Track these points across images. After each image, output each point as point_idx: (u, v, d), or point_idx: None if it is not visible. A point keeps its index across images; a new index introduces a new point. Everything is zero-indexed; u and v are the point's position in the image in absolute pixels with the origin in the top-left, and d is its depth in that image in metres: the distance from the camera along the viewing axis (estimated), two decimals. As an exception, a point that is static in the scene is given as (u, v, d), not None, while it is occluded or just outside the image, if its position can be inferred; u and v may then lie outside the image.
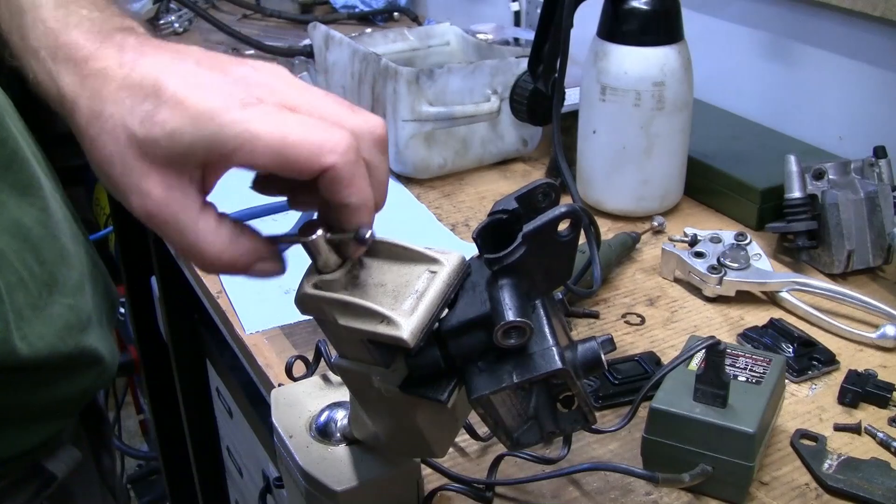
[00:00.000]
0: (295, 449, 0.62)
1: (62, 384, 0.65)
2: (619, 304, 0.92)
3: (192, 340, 1.49)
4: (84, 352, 0.67)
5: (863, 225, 0.93)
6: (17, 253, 0.60)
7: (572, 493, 0.68)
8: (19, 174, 0.62)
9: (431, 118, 1.13)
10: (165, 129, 0.45)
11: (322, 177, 0.46)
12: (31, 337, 0.60)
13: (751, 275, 0.90)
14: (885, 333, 0.83)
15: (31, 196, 0.63)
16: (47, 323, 0.62)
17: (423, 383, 0.50)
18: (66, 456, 0.69)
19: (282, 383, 0.76)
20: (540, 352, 0.47)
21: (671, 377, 0.68)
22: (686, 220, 1.06)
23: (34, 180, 0.64)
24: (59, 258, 0.65)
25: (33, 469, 0.67)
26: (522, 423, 0.51)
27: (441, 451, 0.57)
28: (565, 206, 0.48)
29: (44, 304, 0.62)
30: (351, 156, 0.46)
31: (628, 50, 1.00)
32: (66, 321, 0.64)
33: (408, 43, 1.35)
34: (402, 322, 0.47)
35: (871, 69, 1.09)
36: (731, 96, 1.27)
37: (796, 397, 0.78)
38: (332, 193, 0.47)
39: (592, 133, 1.05)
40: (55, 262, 0.64)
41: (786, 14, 1.18)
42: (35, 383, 0.62)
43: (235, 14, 1.90)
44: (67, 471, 0.68)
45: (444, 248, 0.51)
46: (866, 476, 0.68)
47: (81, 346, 0.66)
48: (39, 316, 0.61)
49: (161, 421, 1.88)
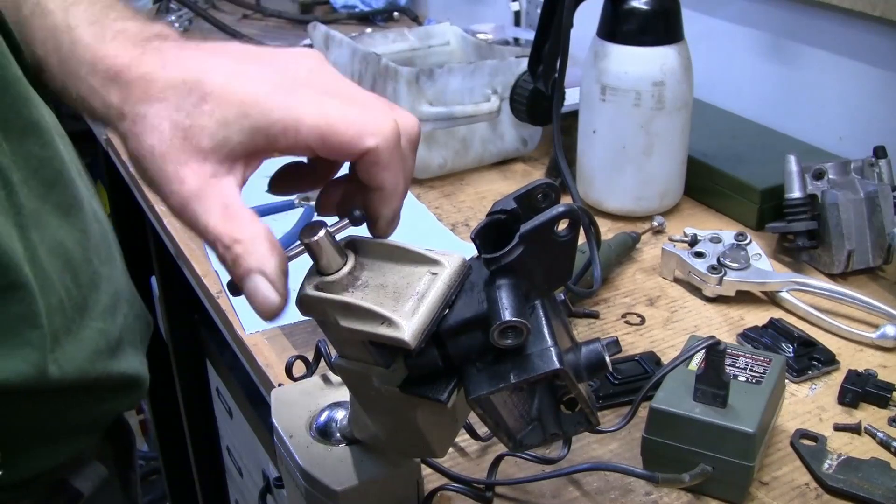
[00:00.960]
0: (295, 449, 0.62)
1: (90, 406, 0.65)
2: (619, 304, 0.92)
3: (192, 340, 1.49)
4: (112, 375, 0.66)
5: (863, 225, 0.93)
6: (59, 275, 0.60)
7: (572, 493, 0.68)
8: (63, 195, 0.62)
9: (431, 118, 1.13)
10: (214, 118, 0.46)
11: (362, 159, 0.47)
12: (61, 360, 0.59)
13: (751, 275, 0.90)
14: (885, 333, 0.83)
15: (72, 217, 0.63)
16: (78, 347, 0.61)
17: (423, 383, 0.50)
18: (92, 473, 0.68)
19: (282, 383, 0.76)
20: (538, 352, 0.47)
21: (671, 377, 0.68)
22: (686, 220, 1.06)
23: (76, 201, 0.64)
24: (91, 281, 0.65)
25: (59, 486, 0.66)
26: (525, 424, 0.51)
27: (441, 451, 0.57)
28: (563, 206, 0.48)
29: (76, 329, 0.61)
30: (392, 141, 0.47)
31: (628, 50, 1.00)
32: (95, 345, 0.64)
33: (408, 43, 1.35)
34: (403, 324, 0.47)
35: (871, 69, 1.09)
36: (731, 96, 1.27)
37: (796, 397, 0.78)
38: (370, 175, 0.48)
39: (592, 133, 1.05)
40: (89, 286, 0.64)
41: (786, 14, 1.18)
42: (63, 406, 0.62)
43: (235, 14, 1.90)
44: (93, 488, 0.68)
45: (444, 249, 0.51)
46: (866, 476, 0.68)
47: (110, 369, 0.65)
48: (72, 340, 0.60)
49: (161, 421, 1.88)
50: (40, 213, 0.58)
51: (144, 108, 0.48)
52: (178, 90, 0.47)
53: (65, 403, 0.61)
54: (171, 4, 1.85)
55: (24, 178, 0.56)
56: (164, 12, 1.84)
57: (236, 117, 0.46)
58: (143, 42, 0.51)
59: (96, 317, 0.64)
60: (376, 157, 0.47)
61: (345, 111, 0.47)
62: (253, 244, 0.47)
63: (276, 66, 0.49)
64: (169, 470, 1.93)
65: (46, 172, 0.60)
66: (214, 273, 0.95)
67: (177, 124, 0.47)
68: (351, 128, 0.47)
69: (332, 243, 0.49)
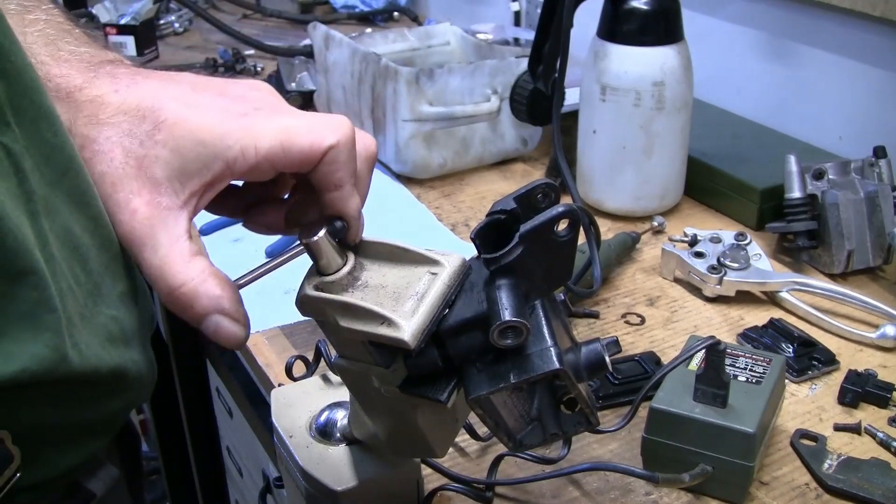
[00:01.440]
0: (295, 449, 0.62)
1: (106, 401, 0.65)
2: (619, 304, 0.92)
3: (192, 340, 1.49)
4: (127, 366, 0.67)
5: (863, 225, 0.93)
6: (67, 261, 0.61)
7: (572, 493, 0.68)
8: (75, 181, 0.63)
9: (431, 118, 1.13)
10: (168, 147, 0.46)
11: (322, 162, 0.47)
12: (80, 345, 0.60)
13: (751, 275, 0.90)
14: (885, 333, 0.83)
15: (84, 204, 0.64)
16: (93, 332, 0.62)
17: (423, 383, 0.50)
18: (105, 474, 0.69)
19: (282, 383, 0.76)
20: (538, 352, 0.47)
21: (671, 377, 0.69)
22: (686, 220, 1.06)
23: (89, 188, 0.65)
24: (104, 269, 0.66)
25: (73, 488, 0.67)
26: (525, 424, 0.51)
27: (441, 451, 0.57)
28: (563, 206, 0.48)
29: (90, 314, 0.62)
30: (351, 139, 0.48)
31: (628, 50, 1.00)
32: (109, 332, 0.64)
33: (408, 43, 1.35)
34: (402, 324, 0.47)
35: (871, 69, 1.09)
36: (731, 96, 1.27)
37: (796, 397, 0.78)
38: (329, 175, 0.48)
39: (592, 133, 1.05)
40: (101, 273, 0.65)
41: (786, 14, 1.18)
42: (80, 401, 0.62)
43: (235, 14, 1.90)
44: (105, 489, 0.69)
45: (444, 249, 0.51)
46: (866, 476, 0.68)
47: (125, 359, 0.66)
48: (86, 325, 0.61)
49: (161, 421, 1.88)
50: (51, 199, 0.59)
51: (95, 132, 0.47)
52: (130, 116, 0.47)
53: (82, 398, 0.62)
54: (171, 4, 1.85)
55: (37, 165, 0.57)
56: (164, 12, 1.84)
57: (192, 146, 0.46)
58: (96, 66, 0.51)
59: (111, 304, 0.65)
60: (336, 154, 0.47)
61: (300, 121, 0.48)
62: (202, 284, 0.48)
63: (228, 95, 0.49)
64: (169, 470, 1.93)
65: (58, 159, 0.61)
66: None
67: (129, 152, 0.46)
68: (310, 133, 0.47)
69: (331, 243, 0.49)
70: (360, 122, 1.20)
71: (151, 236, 0.47)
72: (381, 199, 1.11)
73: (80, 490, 0.67)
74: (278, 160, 0.47)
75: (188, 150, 0.46)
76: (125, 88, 0.48)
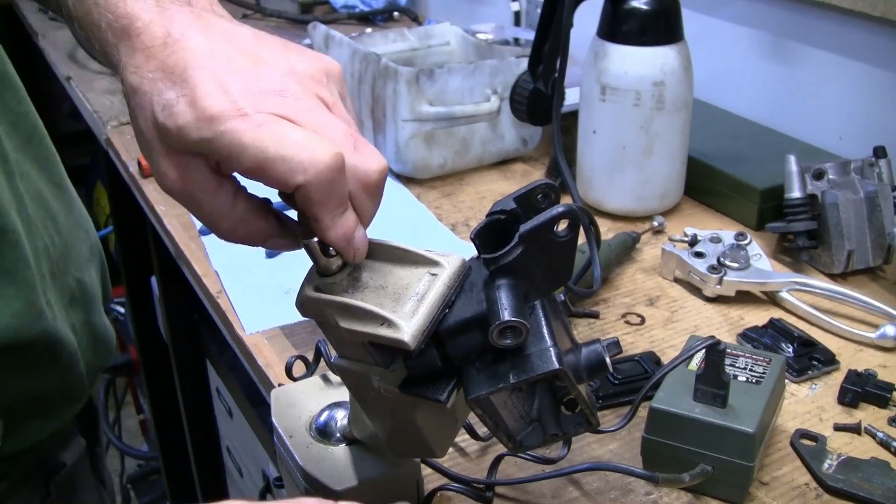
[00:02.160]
0: (295, 449, 0.62)
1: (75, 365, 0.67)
2: (619, 304, 0.92)
3: (192, 340, 1.49)
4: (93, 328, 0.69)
5: (863, 225, 0.93)
6: (42, 221, 0.63)
7: (572, 493, 0.68)
8: (39, 148, 0.66)
9: (431, 118, 1.13)
10: (177, 123, 0.47)
11: (295, 194, 0.48)
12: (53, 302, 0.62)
13: (751, 275, 0.90)
14: (884, 333, 0.83)
15: (48, 171, 0.67)
16: (61, 293, 0.65)
17: (423, 384, 0.50)
18: (75, 445, 0.71)
19: (282, 383, 0.76)
20: (537, 352, 0.47)
21: (671, 377, 0.69)
22: (686, 220, 1.06)
23: (51, 155, 0.68)
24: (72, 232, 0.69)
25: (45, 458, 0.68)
26: (525, 425, 0.51)
27: (441, 451, 0.57)
28: (563, 206, 0.48)
29: (59, 274, 0.65)
30: (325, 176, 0.47)
31: (628, 50, 1.00)
32: (72, 293, 0.67)
33: (408, 43, 1.35)
34: (402, 325, 0.47)
35: (871, 69, 1.09)
36: (731, 96, 1.27)
37: (796, 397, 0.78)
38: (303, 208, 0.49)
39: (592, 133, 1.05)
40: (69, 235, 0.68)
41: (786, 14, 1.18)
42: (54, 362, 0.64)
43: (235, 14, 1.90)
44: (74, 458, 0.70)
45: (444, 249, 0.51)
46: (866, 476, 0.68)
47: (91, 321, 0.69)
48: (57, 286, 0.64)
49: (161, 421, 1.88)
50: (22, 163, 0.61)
51: (138, 82, 0.49)
52: (165, 75, 0.48)
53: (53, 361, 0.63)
54: (171, 4, 1.85)
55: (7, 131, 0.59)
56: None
57: (194, 131, 0.47)
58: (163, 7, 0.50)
59: (78, 267, 0.68)
60: (306, 192, 0.47)
61: (283, 146, 0.47)
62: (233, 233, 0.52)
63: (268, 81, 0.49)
64: (169, 470, 1.93)
65: (24, 126, 0.64)
66: (214, 273, 0.95)
67: (155, 117, 0.48)
68: (284, 165, 0.46)
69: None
70: (360, 123, 1.20)
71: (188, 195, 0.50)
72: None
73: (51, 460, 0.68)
74: (258, 178, 0.48)
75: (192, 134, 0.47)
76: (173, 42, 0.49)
